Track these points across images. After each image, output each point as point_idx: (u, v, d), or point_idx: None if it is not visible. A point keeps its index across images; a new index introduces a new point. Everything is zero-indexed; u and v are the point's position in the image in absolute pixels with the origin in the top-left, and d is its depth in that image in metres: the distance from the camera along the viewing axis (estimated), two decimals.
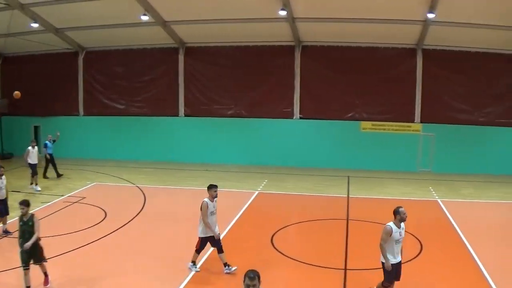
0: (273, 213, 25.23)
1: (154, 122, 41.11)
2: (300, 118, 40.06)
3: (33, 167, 29.54)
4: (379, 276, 15.78)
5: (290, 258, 17.84)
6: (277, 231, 21.11)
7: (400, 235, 13.20)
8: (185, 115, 41.04)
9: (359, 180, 34.95)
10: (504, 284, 15.64)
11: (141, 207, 25.18)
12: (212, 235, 16.08)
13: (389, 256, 13.14)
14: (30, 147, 29.94)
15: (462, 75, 38.27)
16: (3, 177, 20.50)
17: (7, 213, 20.86)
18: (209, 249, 17.63)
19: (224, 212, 23.95)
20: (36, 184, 29.53)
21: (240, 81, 40.27)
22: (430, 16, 31.96)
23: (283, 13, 32.40)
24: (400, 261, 13.51)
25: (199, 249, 16.31)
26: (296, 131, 40.30)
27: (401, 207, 13.36)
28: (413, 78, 38.76)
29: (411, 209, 27.15)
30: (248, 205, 26.28)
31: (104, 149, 41.04)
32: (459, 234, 21.57)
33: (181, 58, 40.45)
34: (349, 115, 39.70)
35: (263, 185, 32.15)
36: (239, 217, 23.61)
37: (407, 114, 39.16)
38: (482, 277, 16.38)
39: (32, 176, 29.68)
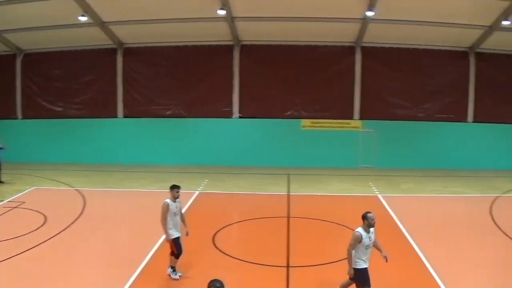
0: (213, 213, 25.64)
1: (92, 124, 42.26)
2: (240, 117, 42.02)
3: None
4: (322, 273, 16.33)
5: (233, 257, 18.08)
6: (218, 231, 21.49)
7: (370, 240, 13.15)
8: (124, 116, 42.41)
9: (299, 178, 36.70)
10: (447, 275, 16.21)
11: (81, 211, 24.92)
12: (178, 236, 15.91)
13: (360, 262, 13.09)
14: None
15: (400, 72, 40.96)
16: None
17: None
18: (152, 250, 17.62)
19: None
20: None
21: (179, 81, 42.08)
22: (369, 14, 33.56)
23: (222, 12, 33.49)
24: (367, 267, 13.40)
25: (177, 252, 15.99)
26: (236, 130, 42.36)
27: (369, 212, 13.26)
28: (352, 76, 40.96)
29: (352, 205, 28.46)
30: (189, 206, 26.38)
31: (43, 152, 41.16)
32: (400, 229, 22.39)
33: (119, 59, 41.98)
34: (289, 113, 41.73)
35: (203, 185, 33.14)
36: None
37: (347, 111, 41.31)
38: (425, 269, 17.14)
39: None
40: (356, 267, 13.14)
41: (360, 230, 13.06)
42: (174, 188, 15.98)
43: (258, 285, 15.89)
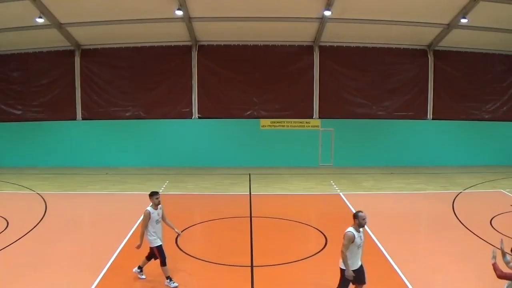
0: (175, 214, 25.64)
1: (52, 127, 41.38)
2: (199, 117, 41.88)
3: None
4: (286, 272, 16.38)
5: (196, 258, 18.07)
6: (181, 231, 21.09)
7: (361, 239, 12.91)
8: (83, 119, 41.83)
9: (260, 177, 36.74)
10: (411, 271, 16.35)
11: (43, 214, 24.63)
12: (161, 243, 15.62)
13: (350, 262, 12.74)
14: None
15: (359, 71, 41.32)
16: None
17: None
18: (116, 251, 17.56)
19: (125, 216, 24.22)
20: None
21: (137, 82, 41.69)
22: (327, 13, 33.61)
23: (179, 13, 33.47)
24: (362, 265, 13.21)
25: (162, 259, 15.63)
26: (196, 130, 42.22)
27: (361, 211, 13.03)
28: (310, 75, 40.99)
29: (314, 203, 28.32)
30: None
31: (2, 156, 40.22)
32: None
33: (77, 60, 41.28)
34: (248, 113, 41.84)
35: (164, 186, 32.95)
36: (141, 220, 23.38)
37: (306, 110, 41.30)
38: (390, 266, 17.18)
39: None
40: (342, 267, 12.94)
41: (351, 229, 12.85)
42: (154, 194, 15.59)
43: (222, 286, 15.91)
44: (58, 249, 19.10)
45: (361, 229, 12.98)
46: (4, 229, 21.77)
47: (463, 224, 23.05)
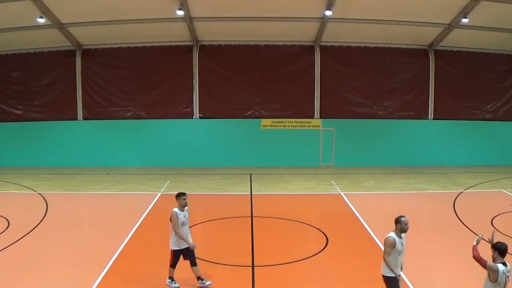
0: None
1: (52, 126, 41.23)
2: (200, 117, 41.84)
3: None
4: (287, 271, 16.38)
5: (197, 258, 17.78)
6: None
7: (403, 246, 12.54)
8: (84, 119, 41.79)
9: (261, 177, 36.73)
10: (412, 271, 16.21)
11: (44, 214, 24.62)
12: (186, 246, 15.15)
13: (394, 269, 12.51)
14: None
15: (360, 71, 41.38)
16: None
17: None
18: (117, 252, 17.47)
19: (126, 216, 24.20)
20: None
21: (138, 82, 41.62)
22: (328, 13, 33.52)
23: (180, 13, 33.36)
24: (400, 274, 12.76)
25: (173, 262, 15.29)
26: (196, 131, 42.16)
27: (403, 216, 12.62)
28: (311, 75, 40.96)
29: (315, 203, 28.21)
30: (151, 208, 26.56)
31: (3, 156, 40.17)
32: (364, 226, 22.57)
33: (78, 60, 41.26)
34: (249, 113, 41.80)
35: (165, 186, 32.86)
36: (143, 220, 23.69)
37: (307, 110, 41.31)
38: None
39: None
40: (386, 275, 12.73)
41: (392, 235, 12.50)
42: (181, 195, 15.21)
43: (223, 286, 15.92)
44: (59, 249, 19.13)
45: (402, 235, 12.61)
46: (5, 229, 21.78)
47: (464, 224, 23.07)
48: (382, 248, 19.05)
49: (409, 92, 42.05)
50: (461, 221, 23.60)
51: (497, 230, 21.63)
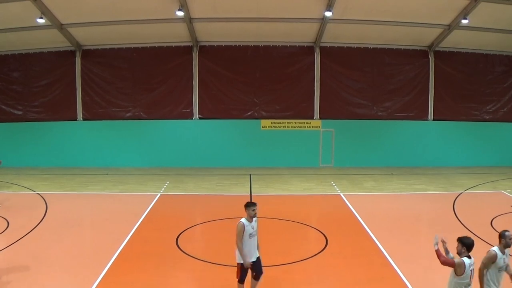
0: (176, 215, 25.60)
1: (52, 127, 41.22)
2: (200, 118, 41.61)
3: None
4: (287, 272, 16.29)
5: (197, 258, 18.03)
6: (182, 232, 21.29)
7: (504, 262, 11.71)
8: (84, 119, 41.74)
9: (261, 178, 36.74)
10: (412, 272, 16.30)
11: (43, 215, 24.61)
12: (254, 259, 14.26)
13: (490, 285, 11.77)
14: None
15: (360, 71, 41.42)
16: None
17: None
18: (116, 252, 17.51)
19: (126, 216, 24.22)
20: None
21: (138, 83, 41.70)
22: (328, 14, 33.46)
23: (180, 13, 33.30)
24: None
25: (240, 277, 14.39)
26: (196, 131, 42.14)
27: (507, 231, 11.86)
28: (311, 76, 40.97)
29: (314, 204, 28.17)
30: (151, 208, 26.66)
31: (2, 156, 40.01)
32: (363, 227, 22.75)
33: (78, 61, 41.21)
34: (249, 113, 41.74)
35: (165, 187, 33.00)
36: (142, 220, 23.72)
37: (306, 111, 41.30)
38: (390, 266, 17.12)
39: None
40: None
41: (495, 249, 11.78)
42: (250, 206, 14.20)
43: (223, 286, 15.93)
44: (58, 250, 19.13)
45: (506, 250, 11.82)
46: (5, 230, 21.77)
47: (463, 225, 23.06)
48: (382, 248, 19.13)
49: (409, 93, 42.08)
50: (460, 222, 23.65)
51: (496, 231, 21.69)
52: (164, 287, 15.80)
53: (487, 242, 20.03)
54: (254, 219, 14.22)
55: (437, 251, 11.78)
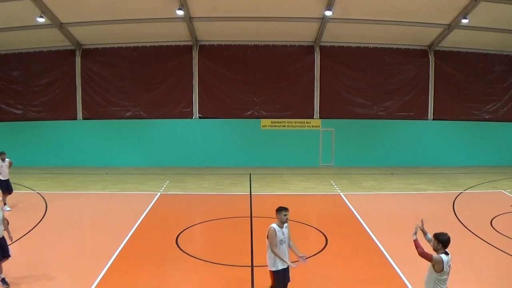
0: (176, 214, 25.55)
1: (52, 126, 41.13)
2: (200, 117, 41.74)
3: (3, 184, 26.63)
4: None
5: (197, 258, 18.08)
6: (182, 231, 21.38)
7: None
8: (84, 118, 41.76)
9: (261, 177, 36.74)
10: (410, 271, 16.26)
11: (43, 214, 24.62)
12: (286, 266, 13.51)
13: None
14: None
15: (360, 71, 41.55)
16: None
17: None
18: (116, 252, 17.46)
19: (126, 216, 24.22)
20: (5, 204, 25.95)
21: (138, 82, 41.71)
22: (328, 13, 33.46)
23: (180, 12, 33.37)
24: None
25: (276, 286, 13.53)
26: (196, 130, 42.17)
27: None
28: (311, 75, 41.08)
29: (314, 203, 28.20)
30: (151, 207, 26.66)
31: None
32: (363, 226, 22.82)
33: (78, 60, 41.24)
34: (248, 113, 41.82)
35: (164, 186, 33.01)
36: (142, 220, 23.76)
37: (306, 110, 41.41)
38: (390, 266, 17.15)
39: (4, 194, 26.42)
40: None
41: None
42: (282, 210, 13.69)
43: (223, 286, 15.91)
44: (58, 249, 19.14)
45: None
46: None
47: (463, 225, 23.09)
48: (382, 248, 19.14)
49: (409, 93, 42.08)
50: (460, 221, 23.71)
51: (496, 231, 21.71)
52: (164, 286, 15.83)
53: (487, 242, 20.07)
54: (285, 224, 13.65)
55: (415, 241, 12.17)
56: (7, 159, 27.35)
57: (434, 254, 11.75)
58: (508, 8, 33.59)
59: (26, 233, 21.09)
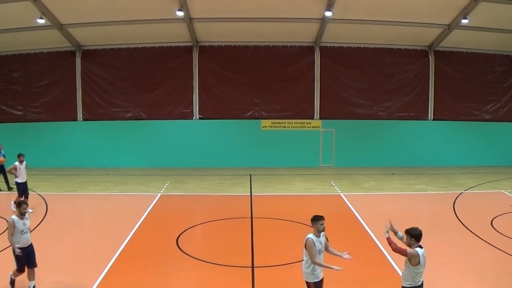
0: (177, 215, 25.56)
1: (52, 127, 41.30)
2: (200, 118, 41.76)
3: (21, 186, 26.26)
4: (287, 272, 16.44)
5: (197, 259, 18.06)
6: (182, 232, 21.42)
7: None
8: (84, 119, 41.81)
9: (261, 178, 36.77)
10: None
11: (43, 215, 24.65)
12: (322, 278, 13.10)
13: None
14: (17, 162, 26.60)
15: (360, 71, 41.54)
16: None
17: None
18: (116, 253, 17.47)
19: (126, 217, 24.25)
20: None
21: (138, 83, 41.76)
22: (328, 14, 33.53)
23: (180, 13, 33.43)
24: None
25: None
26: (196, 131, 42.22)
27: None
28: (311, 76, 41.13)
29: (315, 204, 28.15)
30: (151, 208, 26.66)
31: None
32: (363, 226, 22.77)
33: (78, 61, 41.26)
34: (249, 114, 41.89)
35: (165, 187, 33.00)
36: (142, 221, 23.72)
37: (307, 111, 41.48)
38: (390, 265, 17.23)
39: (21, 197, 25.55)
40: None
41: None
42: (319, 219, 13.01)
43: (223, 286, 15.95)
44: (59, 250, 19.14)
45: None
46: (5, 230, 21.77)
47: (463, 225, 23.10)
48: (382, 248, 19.14)
49: (409, 93, 42.13)
50: (461, 222, 23.73)
51: (497, 231, 21.73)
52: (164, 287, 15.83)
53: (487, 242, 20.07)
54: (322, 233, 13.08)
55: (388, 239, 12.29)
56: (24, 161, 26.97)
57: (409, 249, 11.87)
58: (508, 8, 33.62)
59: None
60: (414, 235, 12.07)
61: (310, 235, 12.79)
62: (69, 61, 41.27)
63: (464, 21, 34.83)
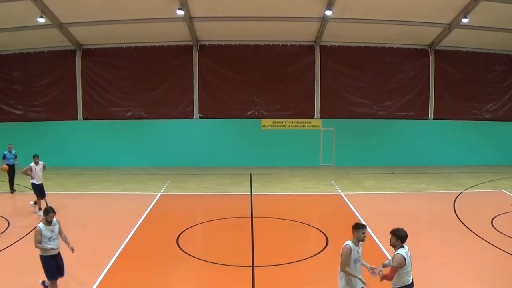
0: (177, 215, 25.59)
1: (53, 127, 41.19)
2: (200, 117, 41.77)
3: (37, 188, 25.85)
4: (287, 271, 16.56)
5: (197, 258, 18.09)
6: (182, 232, 21.42)
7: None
8: (84, 119, 41.77)
9: (261, 177, 36.79)
10: (413, 272, 16.17)
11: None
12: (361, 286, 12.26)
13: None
14: (32, 164, 25.89)
15: (360, 70, 41.58)
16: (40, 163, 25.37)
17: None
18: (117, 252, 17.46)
19: (126, 216, 24.22)
20: (40, 209, 24.87)
21: (138, 82, 41.76)
22: (328, 13, 33.52)
23: (180, 12, 33.44)
24: None
25: None
26: (197, 131, 42.17)
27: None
28: (311, 75, 41.16)
29: (315, 203, 28.25)
30: (151, 208, 26.70)
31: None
32: None
33: (78, 60, 41.26)
34: (249, 113, 41.94)
35: (165, 186, 33.00)
36: (143, 220, 23.79)
37: (307, 110, 41.62)
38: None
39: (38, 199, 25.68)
40: None
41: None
42: (360, 228, 12.19)
43: (223, 286, 15.99)
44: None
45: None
46: (5, 230, 21.78)
47: (464, 224, 23.11)
48: (382, 248, 19.13)
49: (409, 92, 42.11)
50: (461, 221, 23.75)
51: (497, 230, 21.73)
52: (165, 286, 15.85)
53: (487, 241, 20.07)
54: (360, 243, 12.23)
55: (385, 277, 11.85)
56: (40, 162, 26.58)
57: (393, 261, 11.82)
58: (508, 7, 33.61)
59: (27, 234, 21.01)
60: (400, 236, 11.98)
61: (349, 242, 12.08)
62: (69, 60, 41.22)
63: (465, 21, 34.82)
